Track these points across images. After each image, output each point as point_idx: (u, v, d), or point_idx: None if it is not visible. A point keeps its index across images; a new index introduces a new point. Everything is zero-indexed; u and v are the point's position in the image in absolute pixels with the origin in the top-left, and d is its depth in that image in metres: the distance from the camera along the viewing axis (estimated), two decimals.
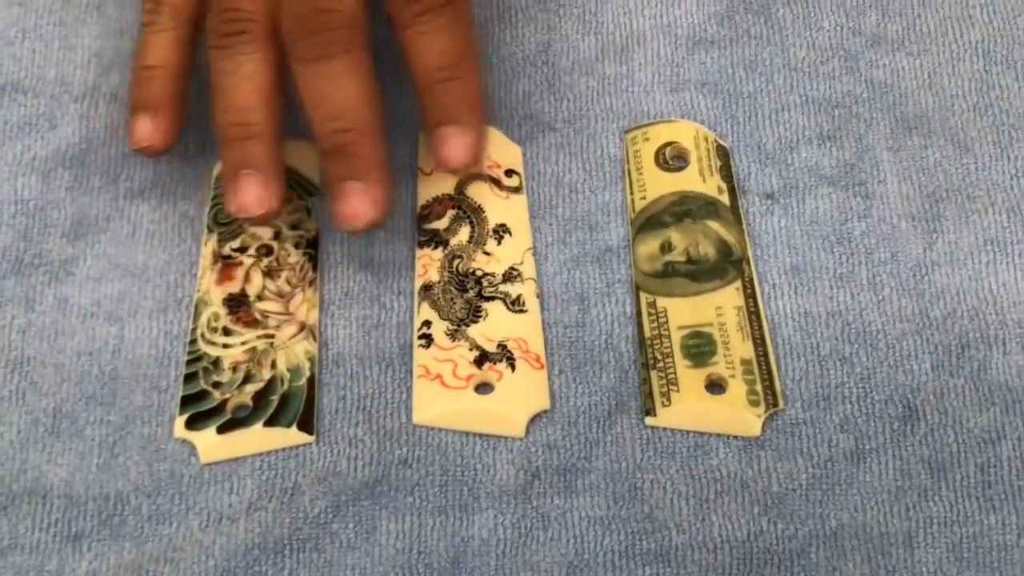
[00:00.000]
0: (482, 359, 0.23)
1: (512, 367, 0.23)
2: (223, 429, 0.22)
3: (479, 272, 0.24)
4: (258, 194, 0.22)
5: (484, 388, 0.23)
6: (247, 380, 0.22)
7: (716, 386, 0.22)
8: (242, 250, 0.25)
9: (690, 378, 0.22)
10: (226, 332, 0.23)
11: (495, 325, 0.23)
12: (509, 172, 0.26)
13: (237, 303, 0.24)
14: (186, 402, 0.22)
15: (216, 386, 0.23)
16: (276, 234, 0.25)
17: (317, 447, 0.22)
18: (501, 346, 0.23)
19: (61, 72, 0.27)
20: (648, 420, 0.22)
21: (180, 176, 0.25)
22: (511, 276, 0.24)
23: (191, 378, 0.23)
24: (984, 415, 0.22)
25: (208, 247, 0.25)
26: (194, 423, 0.22)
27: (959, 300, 0.24)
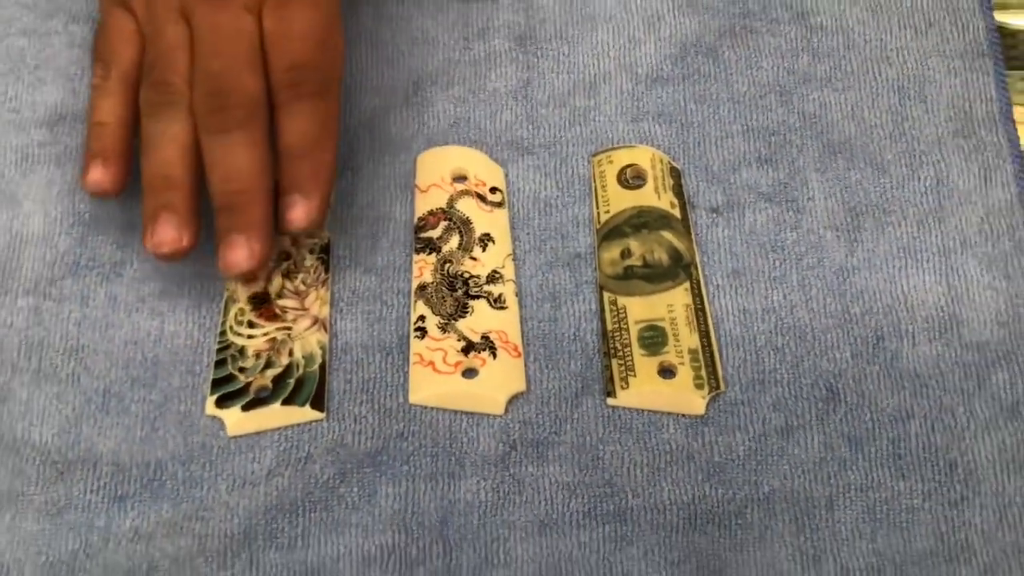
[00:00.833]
0: (468, 348, 0.23)
1: (494, 355, 0.23)
2: (247, 407, 0.22)
3: (466, 274, 0.24)
4: (172, 234, 0.22)
5: (470, 373, 0.23)
6: (268, 366, 0.23)
7: (667, 372, 0.23)
8: None
9: (645, 365, 0.23)
10: (250, 325, 0.24)
11: (480, 319, 0.23)
12: (493, 189, 0.26)
13: (260, 300, 0.24)
14: (216, 384, 0.23)
15: (242, 371, 0.23)
16: (294, 242, 0.25)
17: (327, 423, 0.23)
18: (484, 337, 0.23)
19: None
20: (609, 400, 0.23)
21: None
22: (494, 278, 0.24)
23: (220, 364, 0.23)
24: (895, 397, 0.23)
25: None
26: (222, 402, 0.23)
27: (875, 299, 0.24)
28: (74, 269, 0.25)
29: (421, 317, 0.23)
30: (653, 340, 0.23)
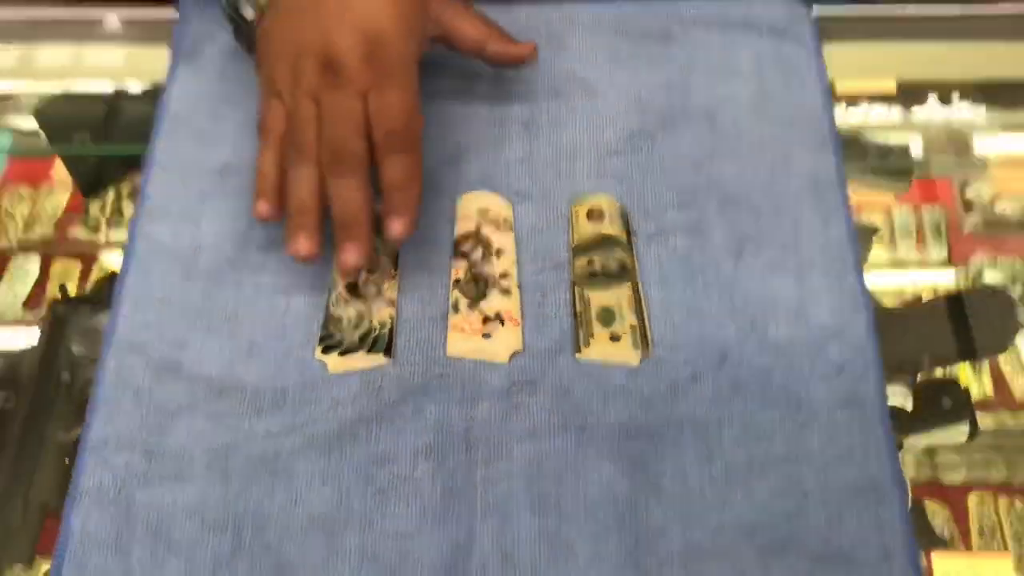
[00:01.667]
0: (486, 320, 0.29)
1: (502, 325, 0.30)
2: (343, 354, 0.29)
3: (486, 274, 0.31)
4: (306, 244, 0.27)
5: (487, 336, 0.29)
6: (356, 328, 0.30)
7: (615, 338, 0.29)
8: None
9: (601, 333, 0.30)
10: (345, 302, 0.31)
11: (494, 302, 0.30)
12: (505, 220, 0.32)
13: (352, 287, 0.31)
14: (322, 339, 0.29)
15: (339, 331, 0.30)
16: (376, 249, 0.31)
17: (393, 366, 0.29)
18: (497, 314, 0.30)
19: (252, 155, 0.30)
20: (577, 356, 0.29)
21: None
22: (504, 276, 0.31)
23: (324, 326, 0.30)
24: (764, 358, 0.30)
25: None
26: (326, 351, 0.29)
27: (752, 296, 0.30)
28: (232, 264, 0.31)
29: (456, 300, 0.30)
30: (607, 318, 0.30)
